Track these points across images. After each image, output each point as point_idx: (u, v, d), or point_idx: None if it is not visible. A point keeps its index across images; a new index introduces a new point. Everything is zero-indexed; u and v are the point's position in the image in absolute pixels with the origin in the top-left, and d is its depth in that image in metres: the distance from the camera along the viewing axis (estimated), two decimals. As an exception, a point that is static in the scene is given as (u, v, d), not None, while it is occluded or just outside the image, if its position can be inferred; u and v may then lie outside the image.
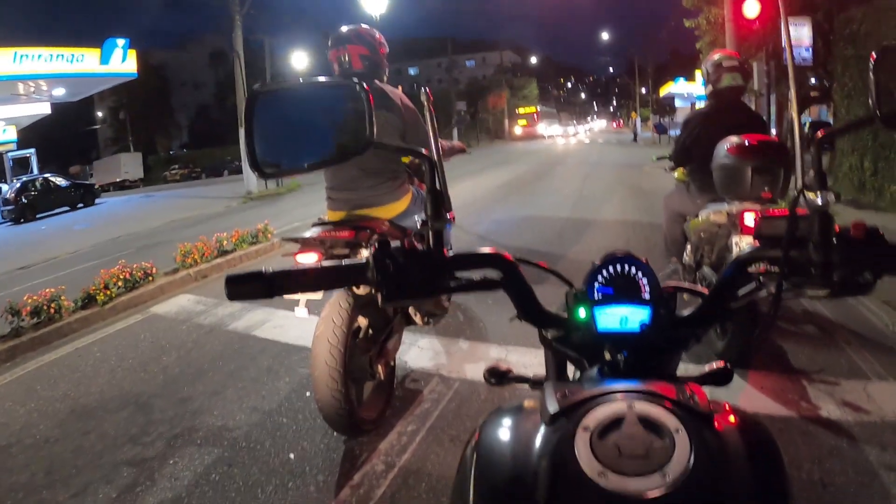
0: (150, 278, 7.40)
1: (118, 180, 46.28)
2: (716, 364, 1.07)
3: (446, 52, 60.90)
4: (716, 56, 4.66)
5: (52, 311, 6.19)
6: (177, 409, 4.08)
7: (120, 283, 6.97)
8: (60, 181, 28.64)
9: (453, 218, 1.07)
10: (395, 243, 1.04)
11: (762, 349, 3.59)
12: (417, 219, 3.31)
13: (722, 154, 3.73)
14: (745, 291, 1.07)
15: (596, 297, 1.06)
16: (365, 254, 3.17)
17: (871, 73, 0.95)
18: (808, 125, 27.88)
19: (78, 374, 5.02)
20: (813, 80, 18.17)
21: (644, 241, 8.27)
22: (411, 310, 3.73)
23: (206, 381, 4.48)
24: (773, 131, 21.09)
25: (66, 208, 27.75)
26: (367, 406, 3.44)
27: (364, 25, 3.88)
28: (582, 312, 1.05)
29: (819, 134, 1.03)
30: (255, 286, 1.04)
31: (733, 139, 3.71)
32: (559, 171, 21.34)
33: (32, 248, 14.34)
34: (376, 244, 1.03)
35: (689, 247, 4.58)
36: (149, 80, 50.15)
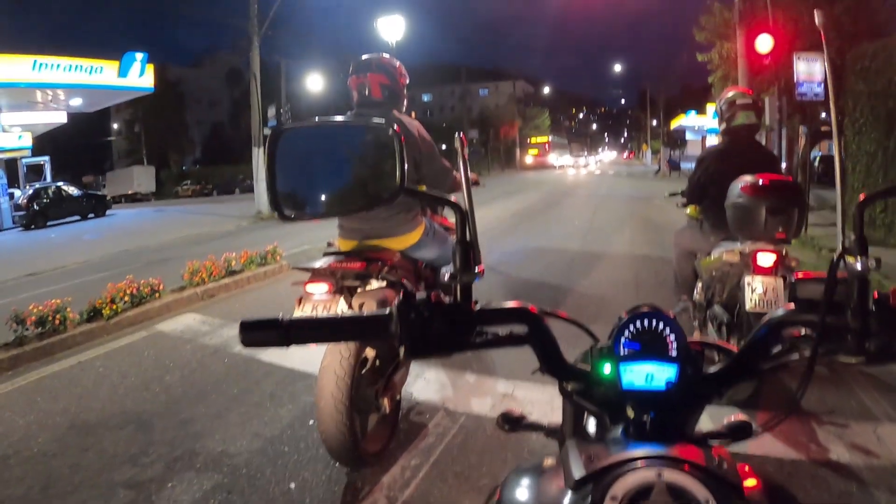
0: (157, 295, 7.37)
1: (130, 193, 46.74)
2: (734, 417, 1.04)
3: (460, 79, 61.46)
4: (730, 94, 4.65)
5: (56, 322, 6.17)
6: (177, 430, 4.03)
7: (126, 298, 6.95)
8: (73, 190, 28.86)
9: (482, 271, 0.99)
10: (420, 295, 0.99)
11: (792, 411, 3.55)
12: (430, 252, 3.33)
13: (736, 193, 3.68)
14: (777, 353, 1.03)
15: (622, 353, 1.02)
16: (382, 294, 3.21)
17: None
18: (818, 160, 28.28)
19: (80, 389, 4.98)
20: (824, 115, 18.22)
21: (654, 275, 8.23)
22: None
23: (209, 404, 4.43)
24: (784, 165, 21.19)
25: (77, 217, 27.97)
26: (371, 438, 3.35)
27: (385, 55, 3.91)
28: (607, 368, 1.02)
29: (860, 197, 0.99)
30: (270, 334, 0.99)
31: (747, 178, 3.66)
32: (569, 202, 21.35)
33: (42, 255, 14.38)
34: (401, 296, 0.99)
35: (699, 284, 4.57)
36: (165, 94, 50.78)
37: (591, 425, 1.08)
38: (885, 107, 11.51)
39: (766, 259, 3.72)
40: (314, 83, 38.69)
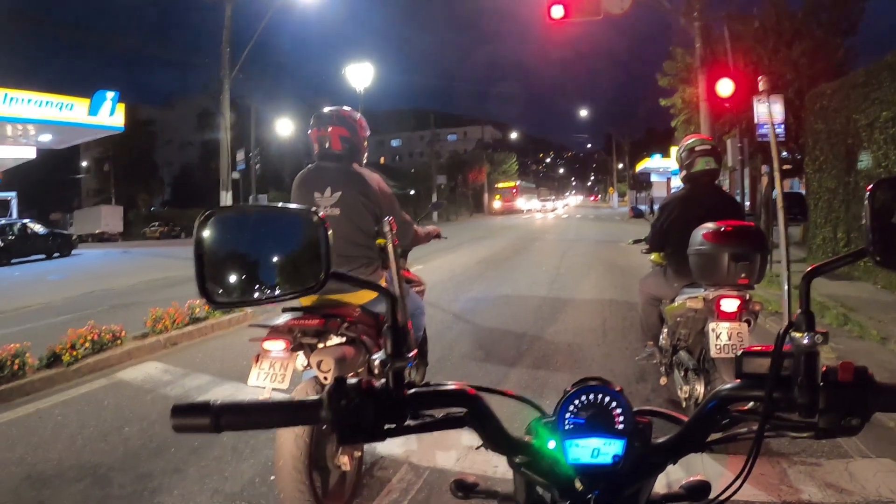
0: (119, 342, 7.20)
1: (97, 232, 46.08)
2: (693, 478, 1.04)
3: (428, 125, 61.96)
4: (689, 140, 4.78)
5: (15, 367, 5.99)
6: (135, 485, 3.89)
7: (87, 345, 6.77)
8: (39, 228, 28.39)
9: (416, 355, 0.96)
10: (351, 381, 0.98)
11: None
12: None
13: (699, 240, 3.77)
14: (725, 425, 1.02)
15: (566, 427, 1.00)
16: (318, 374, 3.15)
17: (865, 205, 0.93)
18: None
19: (37, 438, 4.81)
20: (785, 154, 18.62)
21: (621, 320, 8.31)
22: None
23: (168, 458, 4.28)
24: (748, 203, 21.53)
25: (42, 256, 27.47)
26: (332, 496, 3.25)
27: (346, 108, 3.97)
28: (551, 444, 1.00)
29: (808, 269, 0.98)
30: (200, 420, 0.96)
31: (710, 225, 3.75)
32: (537, 247, 21.37)
33: (3, 294, 14.13)
34: (333, 383, 0.97)
35: (665, 330, 4.67)
36: (136, 134, 50.41)
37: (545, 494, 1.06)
38: (844, 144, 11.82)
39: (730, 305, 3.76)
40: (284, 128, 38.86)
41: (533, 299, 10.35)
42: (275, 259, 1.05)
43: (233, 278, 1.02)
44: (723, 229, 3.70)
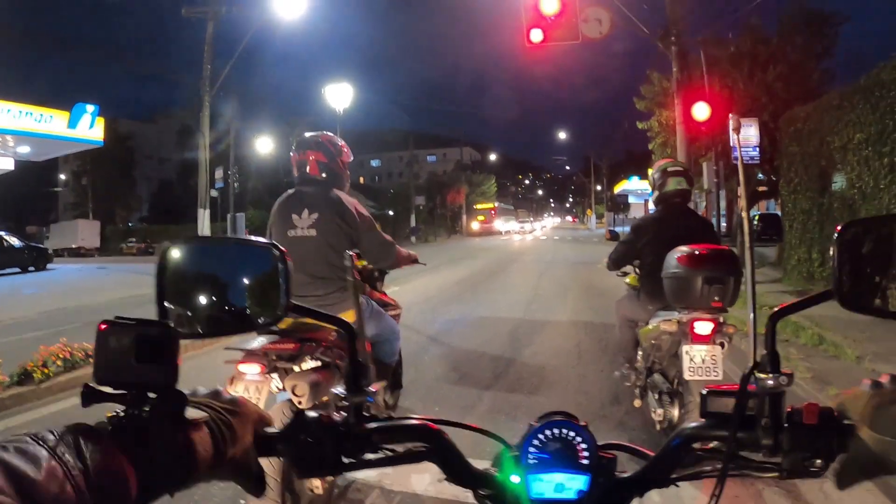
0: (91, 360, 7.03)
1: (74, 247, 45.40)
2: None
3: (408, 146, 62.06)
4: (661, 163, 4.91)
5: (-15, 384, 5.82)
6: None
7: (59, 363, 6.66)
8: (14, 241, 28.13)
9: (377, 389, 1.03)
10: (311, 414, 0.97)
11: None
12: (367, 329, 3.33)
13: (673, 264, 3.76)
14: (689, 463, 1.01)
15: (530, 462, 0.99)
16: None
17: (833, 248, 0.91)
18: (756, 218, 29.12)
19: (4, 459, 4.68)
20: (760, 176, 18.85)
21: (596, 342, 8.34)
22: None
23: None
24: (724, 225, 21.67)
25: (17, 270, 27.11)
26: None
27: (327, 133, 4.01)
28: (515, 478, 0.99)
29: (774, 311, 0.97)
30: None
31: (683, 249, 3.75)
32: (515, 269, 21.36)
33: (-23, 307, 13.71)
34: (292, 417, 0.97)
35: (640, 352, 4.70)
36: (115, 149, 49.65)
37: None
38: (818, 166, 12.01)
39: (704, 328, 3.78)
40: (264, 146, 38.77)
41: (509, 321, 10.35)
42: (235, 292, 1.04)
43: (193, 310, 1.00)
44: (696, 253, 3.70)
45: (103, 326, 0.78)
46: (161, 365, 0.77)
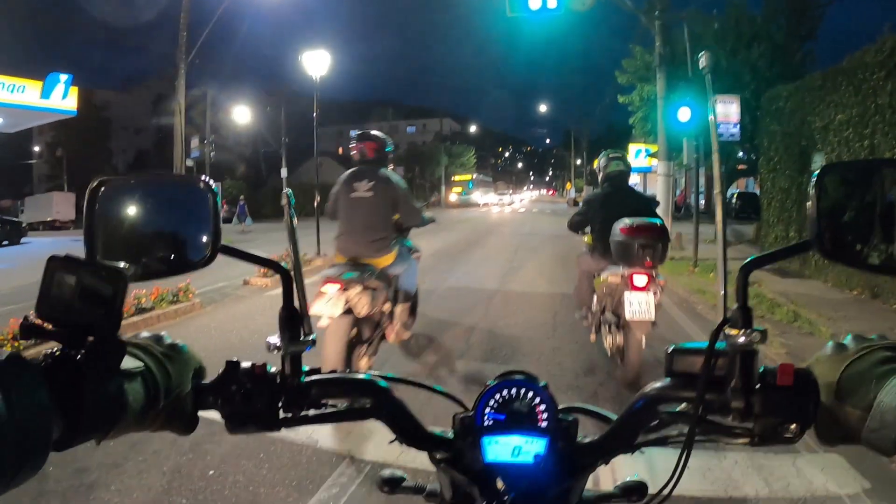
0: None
1: (48, 220, 44.61)
2: (629, 478, 1.00)
3: (387, 116, 61.47)
4: (604, 151, 6.29)
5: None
6: (72, 480, 3.71)
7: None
8: (-12, 215, 27.26)
9: (314, 341, 0.96)
10: (244, 365, 0.91)
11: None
12: (399, 269, 5.33)
13: (616, 233, 4.93)
14: (654, 426, 0.95)
15: (485, 424, 0.95)
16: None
17: (811, 193, 0.82)
18: (735, 196, 29.26)
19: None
20: (741, 154, 18.89)
21: (571, 314, 8.20)
22: (387, 329, 5.43)
23: (107, 452, 4.08)
24: (703, 202, 21.83)
25: (-9, 244, 26.49)
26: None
27: (376, 131, 5.66)
28: (469, 440, 0.94)
29: (747, 261, 0.89)
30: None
31: (626, 221, 4.91)
32: (491, 241, 21.22)
33: (-52, 282, 13.45)
34: (225, 367, 0.91)
35: (595, 297, 5.93)
36: (89, 119, 48.66)
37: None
38: (798, 146, 12.06)
39: (640, 280, 4.98)
40: (240, 115, 38.22)
41: (484, 292, 10.32)
42: (166, 233, 0.98)
43: (124, 254, 0.90)
44: (634, 225, 4.86)
45: (52, 261, 0.75)
46: (104, 308, 0.73)
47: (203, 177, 0.97)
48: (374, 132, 5.58)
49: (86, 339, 0.71)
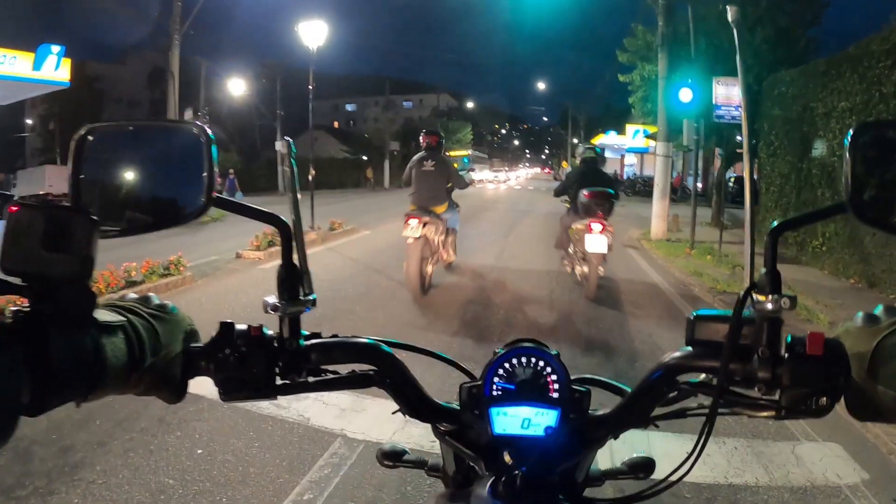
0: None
1: (41, 193, 44.36)
2: (637, 455, 1.01)
3: (384, 90, 60.85)
4: (582, 143, 10.21)
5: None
6: (56, 459, 3.62)
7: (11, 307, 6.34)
8: (-21, 189, 27.15)
9: (314, 302, 0.93)
10: (240, 327, 0.85)
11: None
12: (449, 215, 8.64)
13: (582, 197, 7.91)
14: (672, 398, 0.90)
15: (494, 394, 0.91)
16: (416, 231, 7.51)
17: (845, 154, 0.76)
18: (732, 180, 29.24)
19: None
20: (739, 138, 18.72)
21: (568, 292, 8.50)
22: (441, 252, 8.39)
23: (93, 430, 4.01)
24: (700, 185, 21.82)
25: (-18, 218, 26.37)
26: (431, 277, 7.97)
27: (435, 129, 9.03)
28: (477, 412, 0.91)
29: (776, 225, 0.84)
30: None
31: (587, 190, 7.90)
32: (487, 217, 21.10)
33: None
34: (219, 329, 0.84)
35: (571, 244, 8.49)
36: (83, 92, 48.36)
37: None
38: (799, 131, 11.96)
39: (596, 227, 7.56)
40: (236, 87, 37.79)
41: (481, 269, 10.32)
42: (159, 181, 0.90)
43: (113, 205, 0.86)
44: (593, 191, 7.83)
45: (13, 208, 0.68)
46: (72, 256, 0.68)
47: (197, 122, 0.90)
48: (435, 130, 8.90)
49: (56, 291, 0.66)
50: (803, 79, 12.11)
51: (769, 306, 0.79)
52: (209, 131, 0.86)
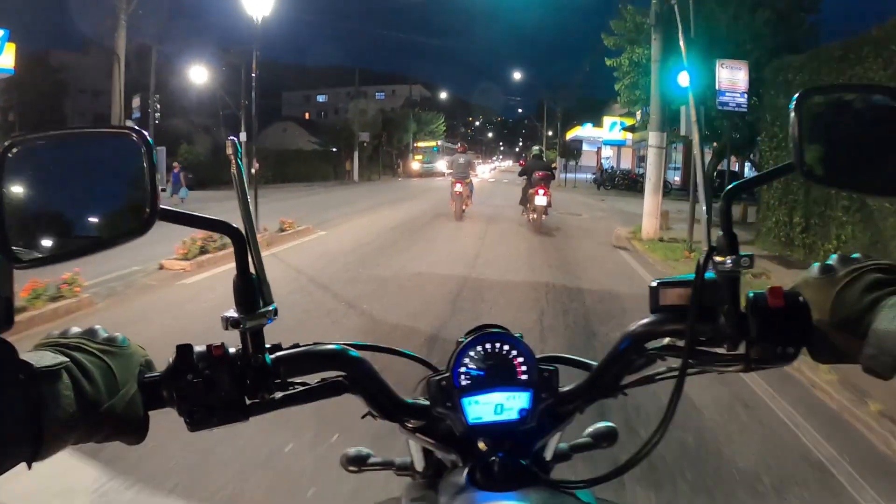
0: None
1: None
2: (600, 424, 1.06)
3: (359, 82, 59.02)
4: (533, 145, 20.48)
5: None
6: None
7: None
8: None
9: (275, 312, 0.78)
10: (199, 348, 0.80)
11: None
12: (470, 181, 18.56)
13: (535, 176, 15.35)
14: (641, 365, 0.92)
15: (463, 383, 0.90)
16: None
17: (791, 117, 0.81)
18: (715, 174, 29.33)
19: None
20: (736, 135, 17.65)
21: (562, 314, 6.88)
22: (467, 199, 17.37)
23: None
24: (676, 179, 21.28)
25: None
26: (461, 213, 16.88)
27: (462, 143, 22.95)
28: (448, 403, 0.89)
29: (728, 188, 0.89)
30: None
31: (538, 173, 15.42)
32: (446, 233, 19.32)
33: None
34: (176, 352, 0.79)
35: (528, 202, 15.59)
36: (44, 82, 46.90)
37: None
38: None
39: (541, 191, 14.77)
40: (197, 75, 36.10)
41: (451, 280, 8.58)
42: (96, 198, 0.80)
43: (44, 229, 0.77)
44: (538, 173, 15.33)
45: None
46: None
47: (135, 127, 0.82)
48: (462, 140, 24.79)
49: None
50: (815, 64, 10.92)
51: (728, 265, 0.82)
52: (148, 136, 0.80)
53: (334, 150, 49.09)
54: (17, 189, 0.74)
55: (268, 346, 0.84)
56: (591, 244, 13.00)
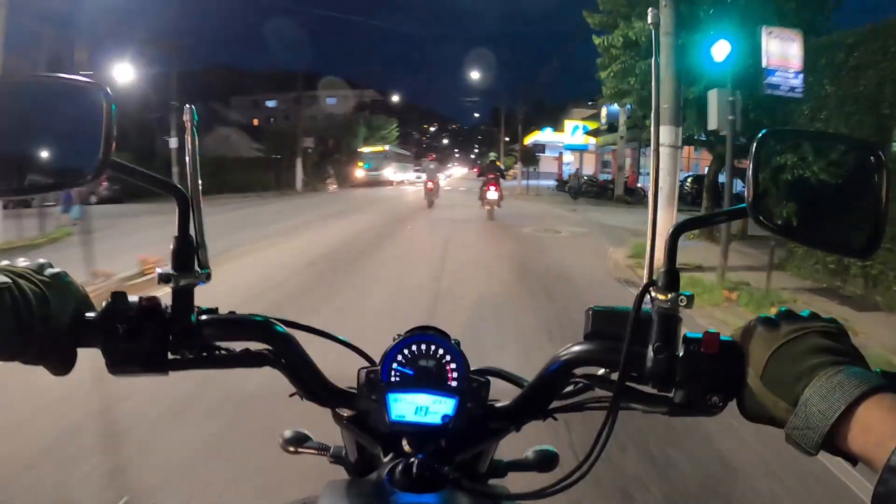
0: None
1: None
2: (542, 448, 1.03)
3: (307, 87, 55.52)
4: (489, 152, 29.11)
5: None
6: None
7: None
8: None
9: (209, 275, 0.85)
10: (132, 298, 0.82)
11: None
12: (439, 182, 28.98)
13: (489, 176, 20.73)
14: (570, 392, 0.91)
15: (391, 379, 0.89)
16: None
17: (749, 159, 0.77)
18: (690, 180, 29.09)
19: None
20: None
21: (543, 321, 4.26)
22: (434, 194, 26.04)
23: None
24: (646, 185, 20.91)
25: None
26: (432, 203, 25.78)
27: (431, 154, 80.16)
28: (373, 396, 0.89)
29: (676, 224, 0.85)
30: None
31: (490, 174, 20.74)
32: (410, 234, 16.15)
33: None
34: (109, 298, 0.82)
35: (483, 196, 20.69)
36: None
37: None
38: (874, 114, 8.69)
39: (492, 187, 20.24)
40: (122, 74, 32.55)
41: (410, 321, 5.36)
42: (52, 141, 0.84)
43: (9, 165, 0.82)
44: (490, 175, 20.62)
45: None
46: None
47: (94, 77, 0.89)
48: (433, 153, 68.53)
49: None
50: (878, 41, 8.40)
51: (667, 304, 0.79)
52: (108, 90, 0.82)
53: (277, 157, 45.13)
54: None
55: (203, 307, 0.85)
56: (586, 278, 9.67)
